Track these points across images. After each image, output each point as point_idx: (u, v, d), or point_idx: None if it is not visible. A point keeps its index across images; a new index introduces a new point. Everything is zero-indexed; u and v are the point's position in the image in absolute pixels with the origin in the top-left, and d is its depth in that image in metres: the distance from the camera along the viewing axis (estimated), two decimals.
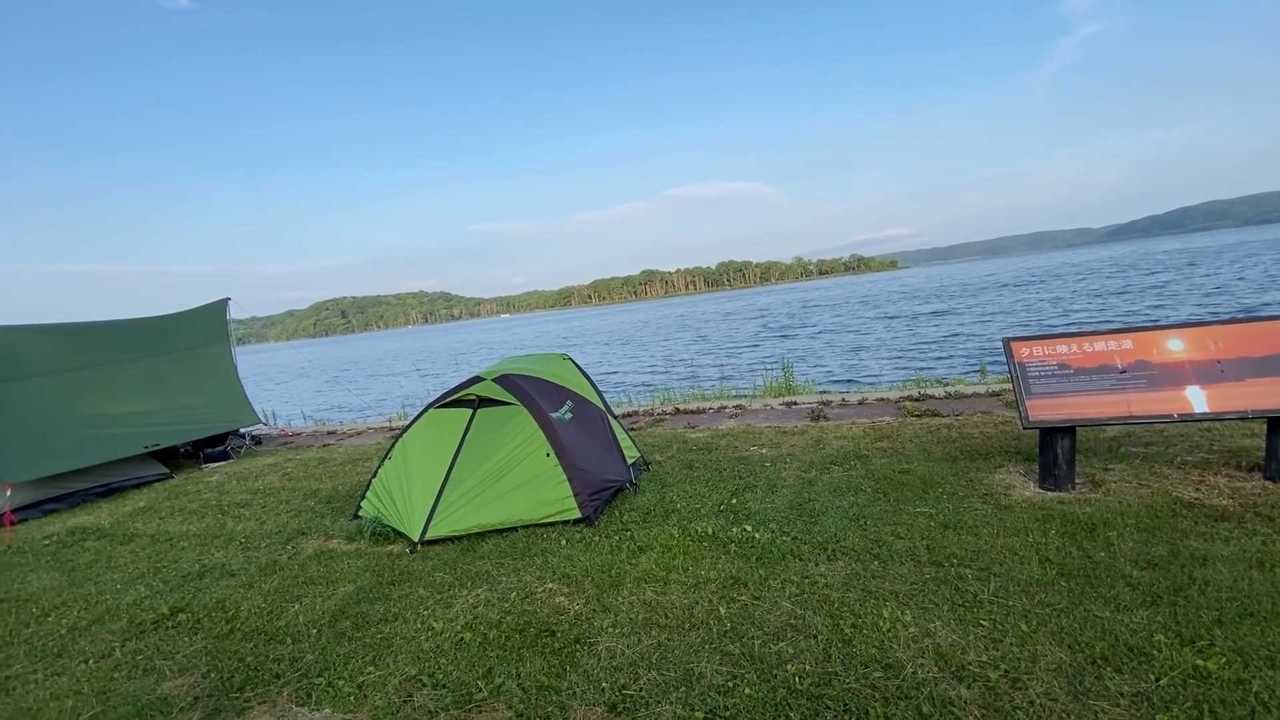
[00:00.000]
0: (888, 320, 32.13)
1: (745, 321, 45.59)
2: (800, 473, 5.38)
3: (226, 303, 10.87)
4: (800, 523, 4.27)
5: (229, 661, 3.33)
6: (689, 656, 2.88)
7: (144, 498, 7.35)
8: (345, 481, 6.99)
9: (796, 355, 21.25)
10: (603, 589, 3.63)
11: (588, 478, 4.85)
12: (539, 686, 2.78)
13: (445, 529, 4.67)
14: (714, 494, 5.06)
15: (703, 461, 6.08)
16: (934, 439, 5.94)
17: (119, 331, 9.40)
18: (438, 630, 3.39)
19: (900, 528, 4.00)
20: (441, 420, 5.35)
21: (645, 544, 4.18)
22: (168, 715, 2.91)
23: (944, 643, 2.75)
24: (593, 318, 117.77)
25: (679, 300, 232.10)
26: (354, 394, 27.50)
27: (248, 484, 7.45)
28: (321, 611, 3.79)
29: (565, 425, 5.17)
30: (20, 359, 7.98)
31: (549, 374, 5.74)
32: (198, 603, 4.14)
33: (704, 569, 3.74)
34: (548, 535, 4.54)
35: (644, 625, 3.20)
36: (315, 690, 2.97)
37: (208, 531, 5.72)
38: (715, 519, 4.50)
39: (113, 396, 8.42)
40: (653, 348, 33.87)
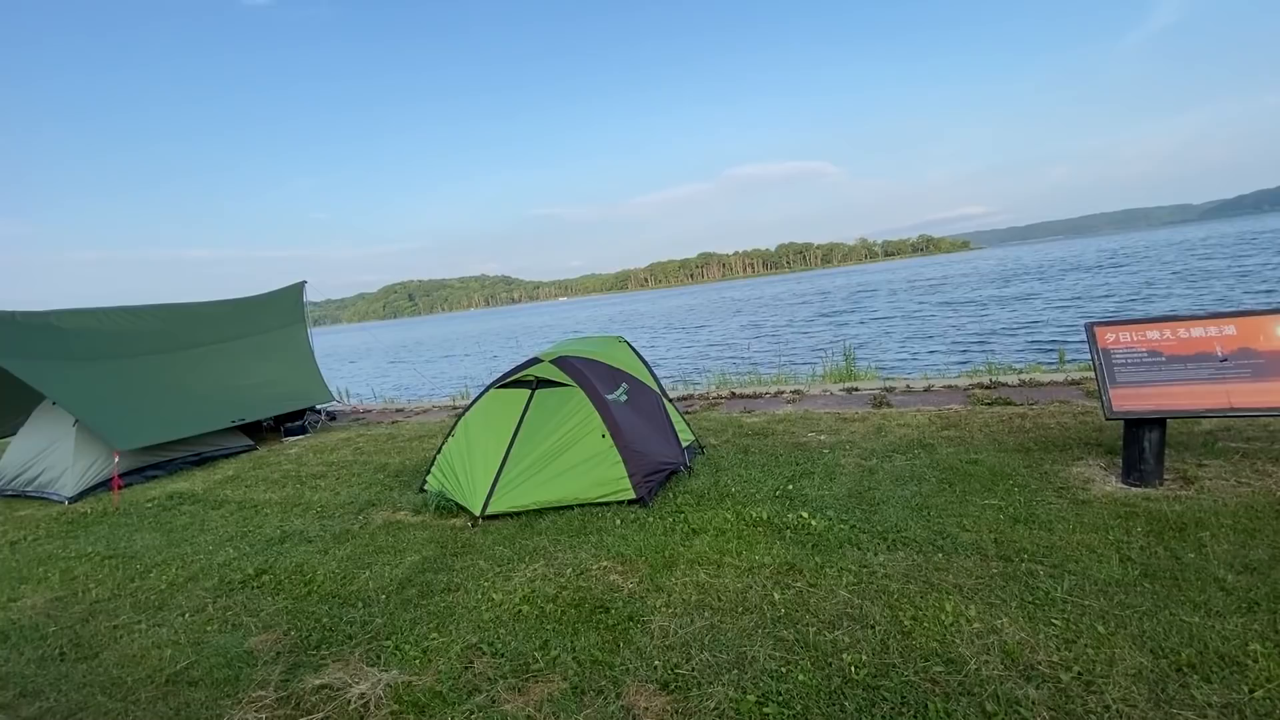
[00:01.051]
0: (956, 305, 30.60)
1: (803, 305, 44.54)
2: (860, 460, 5.25)
3: (303, 286, 11.48)
4: (859, 511, 4.17)
5: (307, 621, 3.57)
6: (742, 640, 2.88)
7: (232, 467, 7.91)
8: (412, 456, 7.30)
9: (858, 340, 20.63)
10: (656, 569, 3.66)
11: (642, 459, 4.89)
12: (593, 660, 2.85)
13: (505, 505, 4.82)
14: (769, 479, 5.00)
15: (758, 446, 6.01)
16: (1005, 428, 5.66)
17: (209, 313, 10.10)
18: (497, 601, 3.51)
19: (966, 520, 3.85)
20: (501, 400, 5.49)
21: (699, 527, 4.19)
22: (253, 668, 3.15)
23: (1011, 640, 2.64)
24: (648, 301, 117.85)
25: (736, 283, 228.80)
26: (420, 374, 28.64)
27: (323, 457, 7.89)
28: (390, 579, 3.99)
29: (620, 407, 5.21)
30: (126, 339, 8.71)
31: (605, 356, 5.79)
32: (279, 566, 4.44)
33: (758, 554, 3.71)
34: (602, 514, 4.61)
35: (697, 607, 3.22)
36: (384, 652, 3.14)
37: (288, 500, 6.11)
38: (770, 504, 4.45)
39: (205, 374, 9.07)
40: (707, 331, 33.60)
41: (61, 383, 7.54)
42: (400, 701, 2.71)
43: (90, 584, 4.52)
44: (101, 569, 4.80)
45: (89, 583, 4.55)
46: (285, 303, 11.07)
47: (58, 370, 7.68)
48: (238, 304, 10.65)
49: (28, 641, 3.72)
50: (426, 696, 2.72)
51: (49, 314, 8.39)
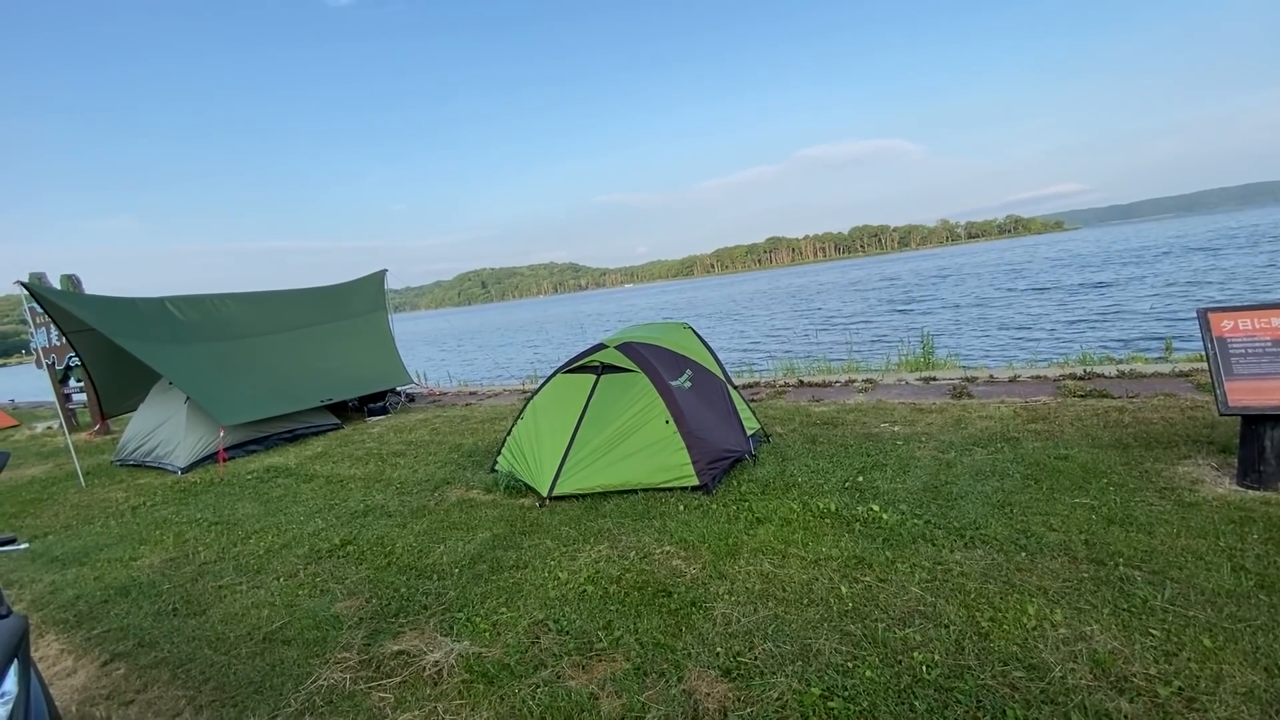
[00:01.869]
0: (1045, 290, 28.52)
1: (877, 290, 42.80)
2: (937, 453, 5.02)
3: (384, 274, 12.06)
4: (935, 506, 3.99)
5: (386, 591, 3.78)
6: (806, 632, 2.83)
7: (321, 444, 8.46)
8: (484, 438, 7.57)
9: (936, 328, 19.64)
10: (719, 556, 3.64)
11: (706, 446, 4.86)
12: (655, 643, 2.87)
13: (571, 487, 4.92)
14: (838, 470, 4.86)
15: (827, 436, 5.85)
16: (1100, 422, 5.25)
17: (300, 300, 10.79)
18: (563, 580, 3.60)
19: (1053, 519, 3.61)
20: (568, 385, 5.59)
21: (763, 516, 4.13)
22: (339, 631, 3.37)
23: (1102, 649, 2.46)
24: (713, 287, 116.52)
25: (806, 268, 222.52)
26: (491, 359, 29.60)
27: (403, 436, 8.31)
28: (462, 554, 4.17)
29: (684, 394, 5.19)
30: (229, 323, 9.45)
31: (669, 342, 5.77)
32: (362, 537, 4.72)
33: (825, 546, 3.63)
34: (666, 500, 4.63)
35: (760, 596, 3.18)
36: (456, 624, 3.29)
37: (370, 476, 6.48)
38: (839, 496, 4.33)
39: (296, 356, 9.72)
40: (773, 318, 32.90)
41: (174, 363, 8.27)
42: (471, 671, 2.84)
43: (199, 547, 4.96)
44: (209, 534, 5.26)
45: (198, 546, 4.99)
46: (368, 290, 11.68)
47: (171, 352, 8.43)
48: (325, 291, 11.31)
49: (146, 597, 4.13)
50: (495, 668, 2.83)
51: (163, 300, 9.21)
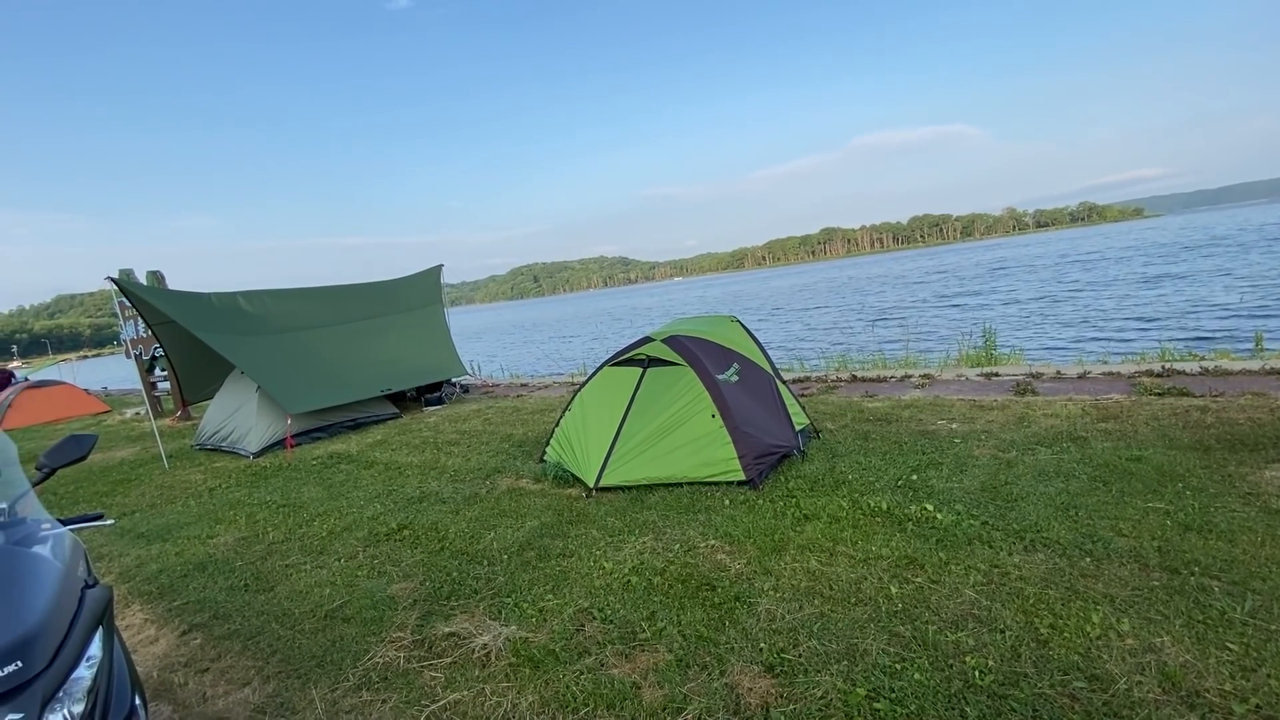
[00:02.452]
0: (1120, 281, 26.79)
1: (937, 282, 41.21)
2: (997, 452, 4.81)
3: (440, 269, 12.41)
4: (993, 506, 3.84)
5: (439, 574, 3.92)
6: (853, 631, 2.78)
7: (380, 432, 8.81)
8: (534, 429, 7.71)
9: (1000, 321, 18.77)
10: (765, 552, 3.61)
11: (752, 441, 4.81)
12: (698, 636, 2.88)
13: (617, 479, 4.96)
14: (891, 468, 4.73)
15: (880, 433, 5.70)
16: (1179, 423, 4.92)
17: (361, 294, 11.23)
18: (608, 570, 3.64)
19: (1123, 523, 3.41)
20: (614, 378, 5.63)
21: (811, 512, 4.06)
22: (394, 611, 3.52)
23: (1172, 661, 2.32)
24: (761, 280, 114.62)
25: (862, 259, 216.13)
26: (542, 351, 30.08)
27: (457, 426, 8.56)
28: (511, 541, 4.28)
29: (731, 387, 5.15)
30: (296, 316, 9.93)
31: (716, 336, 5.73)
32: (417, 522, 4.90)
33: (875, 545, 3.54)
34: (711, 494, 4.61)
35: (806, 593, 3.14)
36: (505, 608, 3.38)
37: (426, 464, 6.71)
38: (891, 494, 4.22)
39: (357, 348, 10.13)
40: (825, 311, 32.14)
41: (246, 354, 8.76)
42: (518, 655, 2.91)
43: (268, 528, 5.26)
44: (277, 515, 5.56)
45: (267, 526, 5.29)
46: (425, 284, 12.05)
47: (243, 343, 8.94)
48: (385, 285, 11.73)
49: (221, 573, 4.41)
50: (541, 653, 2.90)
51: (236, 294, 9.75)
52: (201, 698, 2.95)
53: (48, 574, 1.71)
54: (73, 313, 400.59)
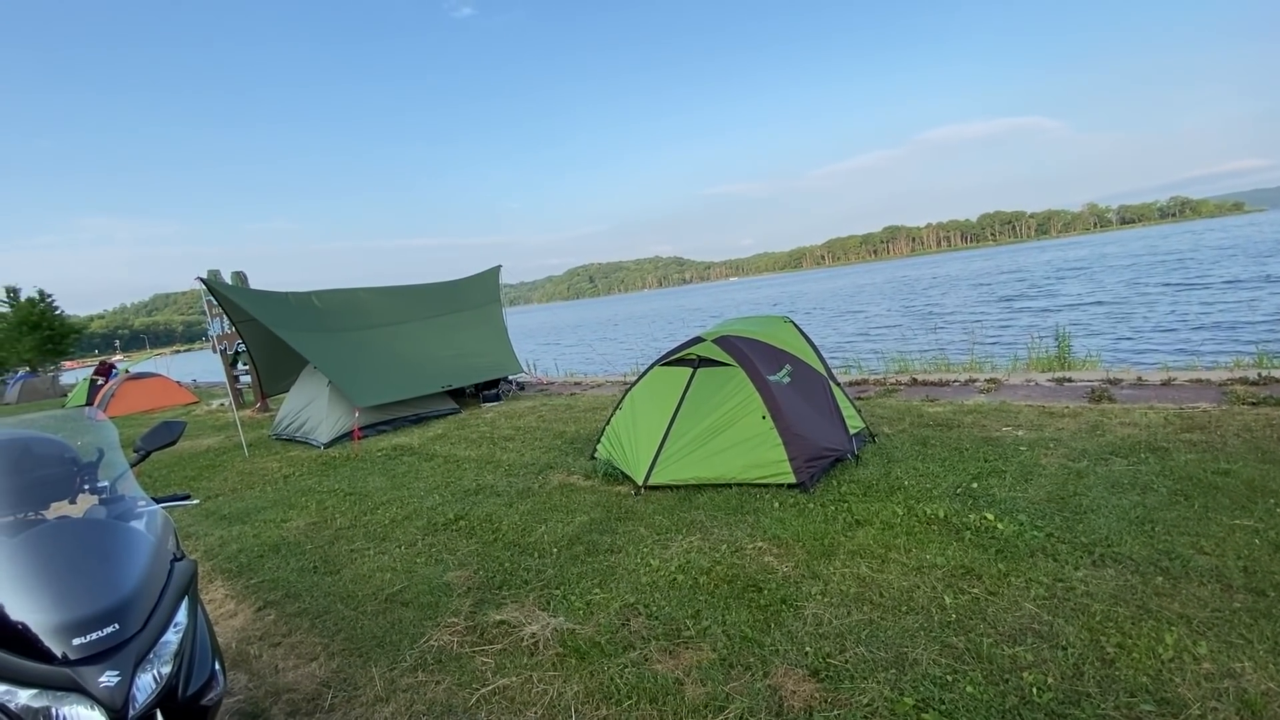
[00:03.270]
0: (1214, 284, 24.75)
1: (1006, 282, 39.20)
2: (1066, 461, 4.57)
3: (499, 269, 12.77)
4: (1059, 518, 3.66)
5: (492, 564, 4.05)
6: (903, 640, 2.71)
7: (440, 426, 9.15)
8: (586, 426, 7.83)
9: (1075, 324, 17.71)
10: (813, 556, 3.56)
11: (804, 443, 4.74)
12: (743, 637, 2.87)
13: (665, 477, 4.99)
14: (950, 475, 4.57)
15: (940, 439, 5.50)
16: (1275, 434, 4.54)
17: (424, 293, 11.69)
18: (654, 568, 3.68)
19: (1205, 540, 3.19)
20: (665, 377, 5.66)
21: (863, 518, 3.98)
22: (449, 598, 3.66)
23: (1253, 689, 2.16)
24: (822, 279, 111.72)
25: (927, 258, 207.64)
26: (596, 350, 30.43)
27: (513, 422, 8.79)
28: (561, 535, 4.37)
29: (782, 389, 5.09)
30: (366, 313, 10.44)
31: (768, 336, 5.68)
32: (473, 514, 5.07)
33: (930, 553, 3.44)
34: (760, 495, 4.58)
35: (855, 599, 3.08)
36: (553, 600, 3.47)
37: (483, 458, 6.93)
38: (949, 502, 4.08)
39: (422, 345, 10.54)
40: (889, 312, 31.10)
41: (318, 350, 9.27)
42: (565, 645, 2.99)
43: (336, 514, 5.56)
44: (344, 503, 5.87)
45: (335, 513, 5.60)
46: (485, 284, 12.43)
47: (317, 340, 9.46)
48: (447, 285, 12.17)
49: (293, 555, 4.70)
50: (587, 645, 2.96)
51: (310, 294, 10.33)
52: (274, 669, 3.17)
53: (142, 547, 1.88)
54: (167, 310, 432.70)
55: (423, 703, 2.72)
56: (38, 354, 42.32)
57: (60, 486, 2.24)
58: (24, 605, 1.63)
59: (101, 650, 1.63)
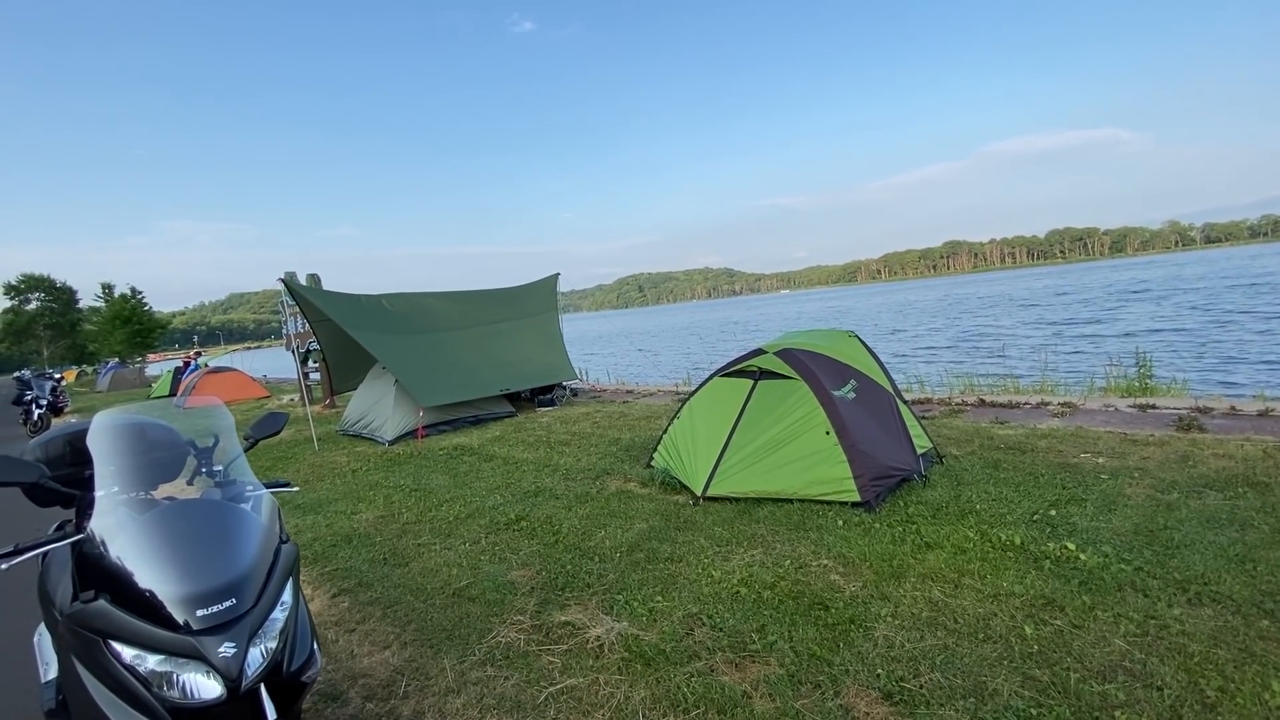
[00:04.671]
0: None
1: (1079, 302, 37.29)
2: (1154, 492, 4.32)
3: (556, 277, 13.01)
4: (1149, 552, 3.46)
5: (554, 566, 4.12)
6: (981, 668, 2.62)
7: (499, 429, 9.37)
8: (640, 434, 7.88)
9: (1157, 347, 16.69)
10: (882, 577, 3.48)
11: (870, 461, 4.65)
12: (811, 654, 2.83)
13: (724, 489, 4.97)
14: (1025, 500, 4.38)
15: (1012, 462, 5.29)
16: None
17: (485, 299, 12.03)
18: (716, 579, 3.67)
19: None
20: (725, 388, 5.65)
21: (933, 541, 3.86)
22: (514, 596, 3.75)
23: None
24: (879, 293, 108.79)
25: (990, 275, 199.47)
26: (646, 359, 30.52)
27: (568, 427, 8.92)
28: (621, 540, 4.41)
29: (847, 404, 5.01)
30: (431, 317, 10.82)
31: (833, 350, 5.59)
32: (533, 515, 5.17)
33: (1006, 580, 3.31)
34: (823, 512, 4.50)
35: (928, 624, 2.99)
36: (616, 605, 3.50)
37: (540, 461, 7.06)
38: (1025, 528, 3.91)
39: (482, 348, 10.83)
40: (950, 327, 30.05)
41: (387, 350, 9.65)
42: (629, 650, 3.01)
43: (402, 509, 5.76)
44: (410, 498, 6.09)
45: (401, 508, 5.80)
46: (543, 291, 12.69)
47: (385, 340, 9.85)
48: (507, 291, 12.49)
49: (364, 546, 4.90)
50: (652, 651, 2.98)
51: (380, 296, 10.78)
52: (350, 654, 3.31)
53: (253, 528, 2.01)
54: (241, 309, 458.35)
55: (492, 697, 2.79)
56: (128, 346, 45.57)
57: (167, 469, 2.42)
58: (153, 576, 1.77)
59: (220, 623, 1.75)
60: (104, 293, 48.62)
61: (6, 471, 1.97)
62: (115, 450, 2.13)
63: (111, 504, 1.98)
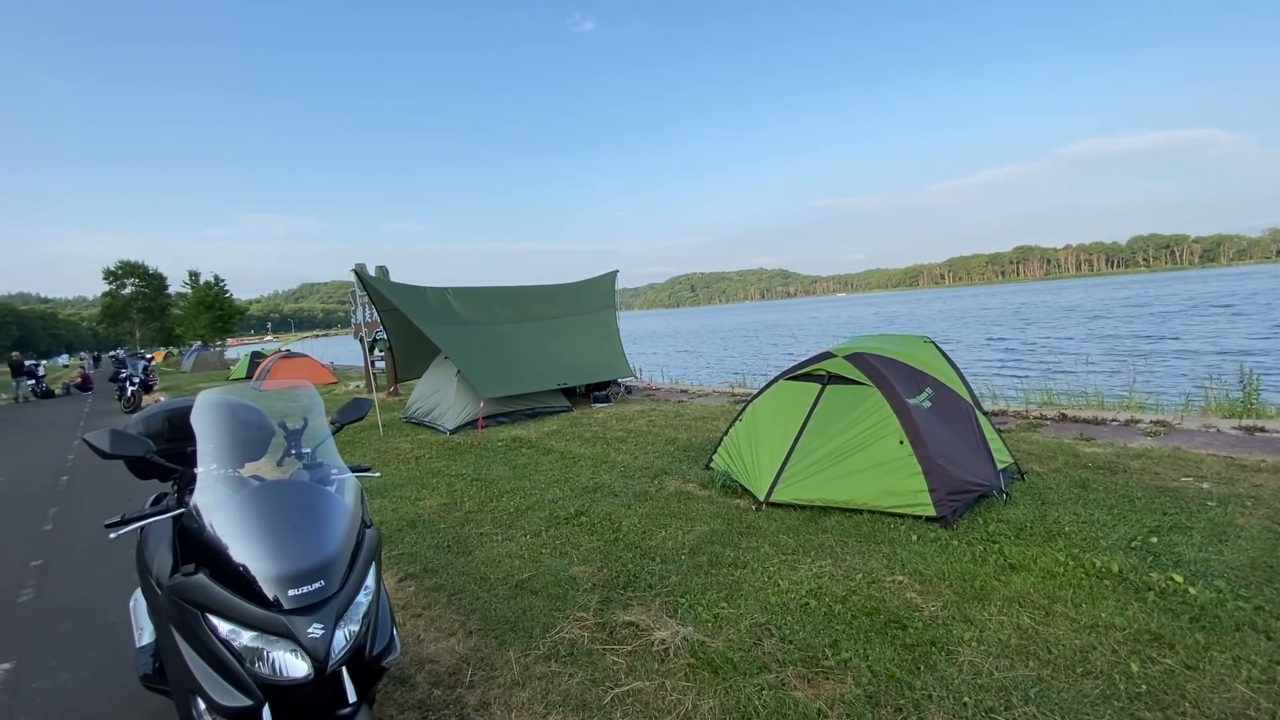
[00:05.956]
0: None
1: (1171, 312, 34.81)
2: (1271, 523, 3.93)
3: (615, 275, 13.03)
4: (1270, 589, 3.14)
5: (615, 564, 4.08)
6: (1082, 706, 2.41)
7: (555, 423, 9.44)
8: (697, 435, 7.78)
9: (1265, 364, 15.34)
10: (964, 598, 3.28)
11: (947, 474, 4.41)
12: (889, 675, 2.68)
13: (789, 495, 4.82)
14: (1121, 525, 4.06)
15: (1103, 483, 4.93)
16: None
17: (545, 295, 12.15)
18: (783, 589, 3.54)
19: None
20: (790, 392, 5.49)
21: (1019, 563, 3.62)
22: (576, 592, 3.72)
23: None
24: (944, 299, 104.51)
25: (1065, 282, 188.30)
26: (698, 359, 30.28)
27: (624, 424, 8.90)
28: (682, 542, 4.33)
29: (923, 413, 4.77)
30: (493, 310, 11.01)
31: (907, 356, 5.35)
32: (592, 511, 5.16)
33: (1104, 611, 3.06)
34: (895, 525, 4.30)
35: (1018, 652, 2.79)
36: (679, 608, 3.43)
37: (597, 457, 7.05)
38: (1123, 555, 3.62)
39: (541, 343, 10.95)
40: (1023, 333, 28.55)
41: (451, 341, 9.87)
42: (696, 656, 2.93)
43: (464, 498, 5.86)
44: (471, 487, 6.18)
45: (463, 497, 5.90)
46: (601, 289, 12.72)
47: (449, 332, 10.08)
48: (566, 288, 12.58)
49: (428, 533, 4.99)
50: (719, 659, 2.89)
51: (444, 289, 11.04)
52: (416, 639, 3.36)
53: (341, 512, 2.03)
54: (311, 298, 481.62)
55: (558, 693, 2.77)
56: (210, 330, 48.54)
57: (254, 448, 2.49)
58: (248, 553, 1.80)
59: (309, 604, 1.76)
60: (190, 280, 51.93)
61: (120, 445, 2.06)
62: (215, 429, 2.20)
63: (210, 480, 2.04)
